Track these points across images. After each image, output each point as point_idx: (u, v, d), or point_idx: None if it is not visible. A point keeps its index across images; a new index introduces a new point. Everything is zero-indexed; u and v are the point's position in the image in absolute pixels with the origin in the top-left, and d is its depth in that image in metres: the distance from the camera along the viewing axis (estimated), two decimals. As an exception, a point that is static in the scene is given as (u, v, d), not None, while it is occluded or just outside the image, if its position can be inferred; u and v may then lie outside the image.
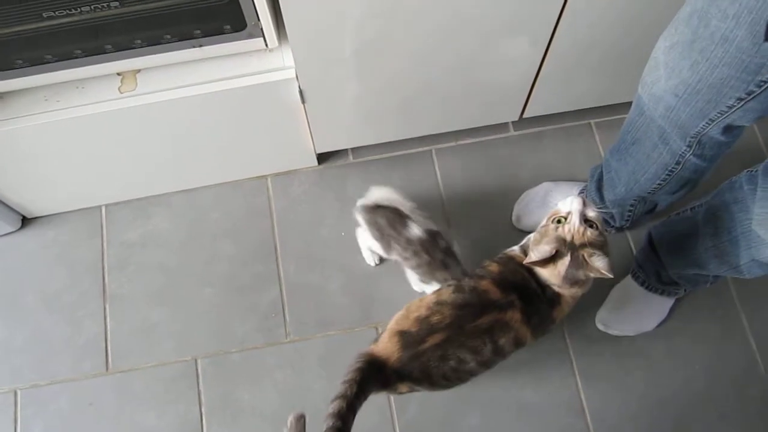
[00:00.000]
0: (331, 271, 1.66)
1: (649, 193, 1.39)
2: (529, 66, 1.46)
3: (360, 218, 1.46)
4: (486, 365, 1.24)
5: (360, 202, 1.46)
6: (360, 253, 1.65)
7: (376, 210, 1.42)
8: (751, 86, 0.98)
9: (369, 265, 1.65)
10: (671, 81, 1.09)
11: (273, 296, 1.64)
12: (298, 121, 1.51)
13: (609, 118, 1.79)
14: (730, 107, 1.04)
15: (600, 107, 1.73)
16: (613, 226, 1.63)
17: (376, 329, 1.60)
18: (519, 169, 1.75)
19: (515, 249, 1.31)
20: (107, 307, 1.64)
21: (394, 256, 1.44)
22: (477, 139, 1.77)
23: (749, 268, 1.25)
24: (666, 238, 1.47)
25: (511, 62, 1.44)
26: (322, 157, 1.73)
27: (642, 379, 1.58)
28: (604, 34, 1.39)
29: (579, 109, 1.73)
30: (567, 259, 1.15)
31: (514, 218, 1.69)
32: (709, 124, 1.11)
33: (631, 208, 1.51)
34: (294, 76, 1.35)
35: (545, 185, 1.70)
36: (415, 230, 1.38)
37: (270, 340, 1.61)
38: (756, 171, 1.18)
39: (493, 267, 1.27)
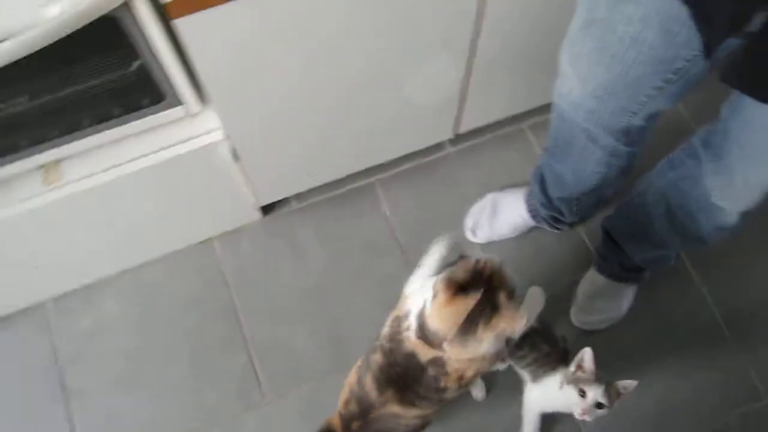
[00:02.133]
0: (296, 322, 1.62)
1: (593, 187, 1.40)
2: (455, 82, 1.46)
3: None
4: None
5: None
6: (323, 296, 1.63)
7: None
8: (667, 75, 1.00)
9: (333, 308, 1.62)
10: (587, 87, 1.11)
11: (242, 360, 1.59)
12: (236, 179, 1.47)
13: (541, 118, 1.80)
14: (649, 97, 1.06)
15: (531, 110, 1.75)
16: (564, 223, 1.64)
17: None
18: (463, 185, 1.75)
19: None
20: (70, 405, 1.56)
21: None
22: (416, 162, 1.76)
23: (712, 236, 1.27)
24: (622, 229, 1.49)
25: (435, 83, 1.44)
26: (266, 209, 1.69)
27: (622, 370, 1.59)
28: (525, 38, 1.40)
29: (512, 116, 1.74)
30: None
31: (468, 234, 1.69)
32: (632, 117, 1.13)
33: (578, 203, 1.52)
34: (223, 136, 1.31)
35: (491, 196, 1.71)
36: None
37: (247, 406, 1.56)
38: (694, 145, 1.21)
39: (377, 358, 1.18)
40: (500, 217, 1.68)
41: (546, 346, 1.31)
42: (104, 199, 1.34)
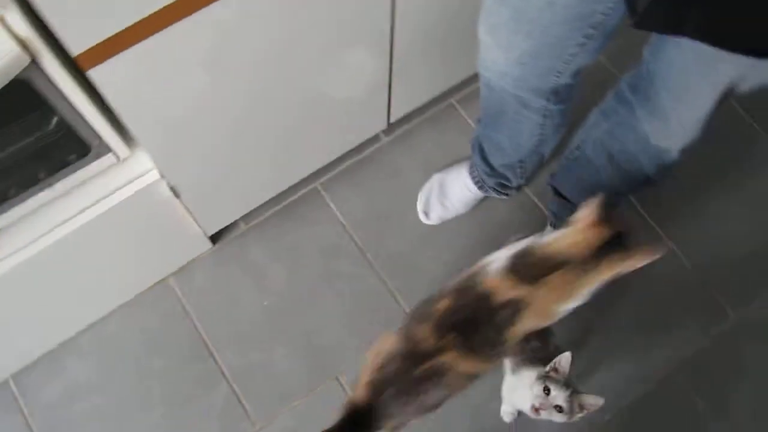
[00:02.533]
0: (269, 342, 1.60)
1: (532, 149, 1.42)
2: (380, 73, 1.45)
3: None
4: (448, 397, 1.23)
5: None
6: (290, 311, 1.61)
7: None
8: (587, 30, 1.02)
9: (303, 320, 1.61)
10: (511, 55, 1.11)
11: (223, 392, 1.56)
12: (179, 214, 1.43)
13: (468, 90, 1.82)
14: (573, 55, 1.08)
15: (456, 84, 1.75)
16: (511, 188, 1.66)
17: (337, 380, 1.56)
18: (405, 172, 1.75)
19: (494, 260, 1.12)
20: (56, 478, 1.51)
21: None
22: (355, 159, 1.75)
23: (657, 175, 1.30)
24: (569, 184, 1.52)
25: (361, 77, 1.43)
26: (215, 237, 1.66)
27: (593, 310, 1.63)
28: (439, 16, 1.39)
29: (439, 94, 1.75)
30: None
31: (422, 217, 1.69)
32: (559, 76, 1.14)
33: (521, 165, 1.54)
34: (158, 175, 1.27)
35: (436, 177, 1.71)
36: None
37: (238, 437, 1.53)
38: (623, 92, 1.23)
39: (443, 304, 1.15)
40: (449, 194, 1.69)
41: (537, 343, 1.31)
42: (48, 264, 1.28)
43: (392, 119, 1.67)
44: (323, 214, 1.70)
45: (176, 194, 1.34)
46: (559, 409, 1.18)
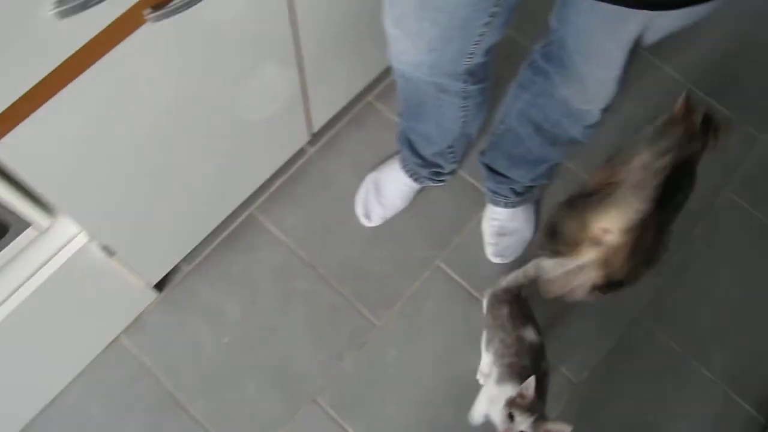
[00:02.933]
0: (239, 380, 1.56)
1: (459, 132, 1.43)
2: (292, 85, 1.42)
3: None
4: None
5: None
6: (253, 342, 1.57)
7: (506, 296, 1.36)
8: (491, 9, 1.02)
9: (269, 350, 1.57)
10: (420, 44, 1.11)
11: (202, 440, 1.52)
12: (117, 271, 1.38)
13: (383, 85, 1.81)
14: (481, 35, 1.08)
15: (371, 82, 1.74)
16: (445, 174, 1.66)
17: (315, 402, 1.54)
18: (337, 179, 1.73)
19: None
20: None
21: (490, 350, 1.36)
22: (285, 176, 1.72)
23: (583, 135, 1.32)
24: (500, 159, 1.53)
25: (276, 96, 1.40)
26: (160, 284, 1.60)
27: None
28: (342, 16, 1.38)
29: (355, 95, 1.73)
30: None
31: (363, 221, 1.68)
32: (472, 57, 1.14)
33: (451, 150, 1.54)
34: (87, 238, 1.22)
35: (370, 177, 1.70)
36: (532, 334, 1.31)
37: (228, 483, 1.49)
38: (536, 62, 1.24)
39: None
40: (385, 193, 1.68)
41: (527, 361, 1.29)
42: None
43: (314, 129, 1.65)
44: (265, 238, 1.67)
45: (110, 253, 1.29)
46: None
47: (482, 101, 1.36)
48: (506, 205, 1.63)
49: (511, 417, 1.17)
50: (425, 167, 1.59)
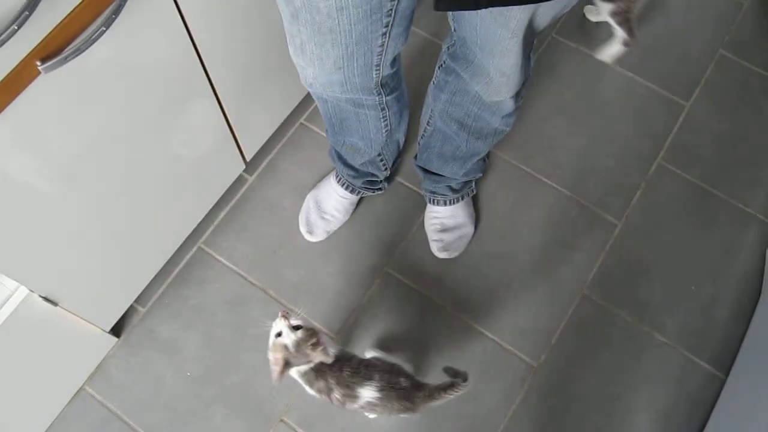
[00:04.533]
0: (206, 411, 1.58)
1: (385, 139, 1.47)
2: (215, 118, 1.46)
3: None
4: None
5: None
6: (216, 373, 1.59)
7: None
8: (385, 20, 1.07)
9: (233, 378, 1.59)
10: (326, 66, 1.15)
11: (177, 476, 1.53)
12: (69, 320, 1.40)
13: (311, 106, 1.86)
14: (382, 46, 1.12)
15: (298, 105, 1.79)
16: (380, 182, 1.70)
17: (283, 421, 1.56)
18: (280, 202, 1.77)
19: None
20: None
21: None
22: (228, 206, 1.76)
23: (505, 123, 1.38)
24: (433, 160, 1.58)
25: (199, 131, 1.44)
26: (117, 329, 1.62)
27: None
28: (249, 50, 1.42)
29: (284, 119, 1.77)
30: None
31: (308, 237, 1.72)
32: (379, 69, 1.19)
33: (381, 159, 1.59)
34: (26, 291, 1.25)
35: (309, 196, 1.74)
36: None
37: None
38: (446, 62, 1.30)
39: None
40: (325, 207, 1.71)
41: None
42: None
43: (248, 158, 1.68)
44: (216, 270, 1.70)
45: (54, 303, 1.31)
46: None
47: (400, 108, 1.41)
48: (446, 203, 1.68)
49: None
50: (359, 178, 1.64)
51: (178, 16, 1.16)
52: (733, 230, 1.75)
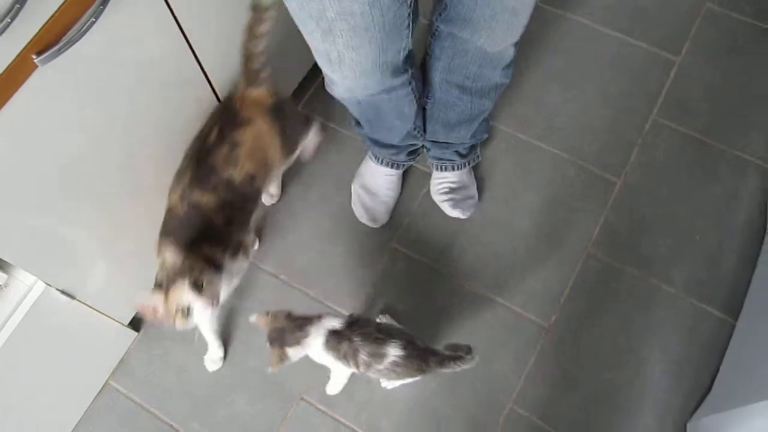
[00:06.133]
0: (229, 395, 1.62)
1: (417, 111, 1.51)
2: (210, 103, 1.50)
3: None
4: None
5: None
6: (236, 356, 1.63)
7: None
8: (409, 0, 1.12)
9: (250, 359, 1.63)
10: (365, 67, 1.20)
11: (205, 460, 1.57)
12: (88, 314, 1.44)
13: (307, 96, 1.89)
14: (408, 27, 1.18)
15: (296, 90, 1.82)
16: (419, 148, 1.73)
17: (303, 399, 1.59)
18: (287, 190, 1.80)
19: None
20: None
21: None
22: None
23: (505, 76, 1.42)
24: (438, 130, 1.61)
25: (195, 118, 1.48)
26: (135, 322, 1.67)
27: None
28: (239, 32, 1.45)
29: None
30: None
31: (371, 224, 1.75)
32: (405, 48, 1.24)
33: (416, 127, 1.61)
34: (44, 285, 1.29)
35: (357, 187, 1.78)
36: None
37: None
38: (439, 30, 1.33)
39: None
40: (378, 191, 1.75)
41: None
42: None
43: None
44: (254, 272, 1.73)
45: (71, 296, 1.36)
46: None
47: (420, 75, 1.46)
48: (453, 168, 1.71)
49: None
50: (400, 153, 1.68)
51: (165, 5, 1.20)
52: (733, 178, 1.76)
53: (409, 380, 1.44)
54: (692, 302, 1.64)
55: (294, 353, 1.30)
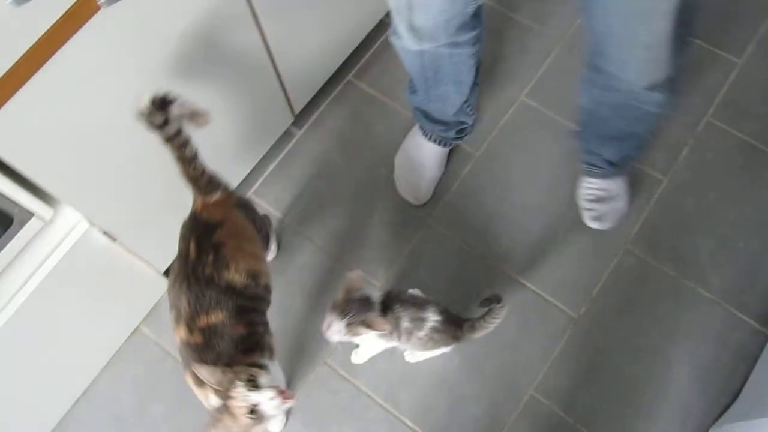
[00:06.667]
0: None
1: (473, 82, 1.52)
2: (264, 64, 1.52)
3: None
4: None
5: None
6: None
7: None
8: None
9: (278, 319, 1.66)
10: (439, 20, 1.21)
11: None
12: (125, 258, 1.48)
13: (360, 64, 1.90)
14: None
15: (347, 60, 1.83)
16: (469, 126, 1.73)
17: (326, 364, 1.61)
18: (328, 156, 1.82)
19: None
20: None
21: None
22: (277, 160, 1.81)
23: (661, 106, 1.32)
24: (592, 140, 1.58)
25: (250, 81, 1.49)
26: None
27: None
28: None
29: (333, 75, 1.82)
30: None
31: (414, 202, 1.75)
32: (470, 5, 1.24)
33: (469, 104, 1.62)
34: (88, 224, 1.32)
35: (399, 160, 1.78)
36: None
37: None
38: (594, 63, 1.27)
39: None
40: (423, 165, 1.75)
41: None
42: (12, 342, 1.32)
43: (296, 110, 1.74)
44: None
45: (112, 238, 1.39)
46: None
47: (482, 42, 1.43)
48: (603, 176, 1.66)
49: None
50: (450, 130, 1.68)
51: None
52: (784, 187, 1.72)
53: (437, 352, 1.46)
54: (727, 309, 1.61)
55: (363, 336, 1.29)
